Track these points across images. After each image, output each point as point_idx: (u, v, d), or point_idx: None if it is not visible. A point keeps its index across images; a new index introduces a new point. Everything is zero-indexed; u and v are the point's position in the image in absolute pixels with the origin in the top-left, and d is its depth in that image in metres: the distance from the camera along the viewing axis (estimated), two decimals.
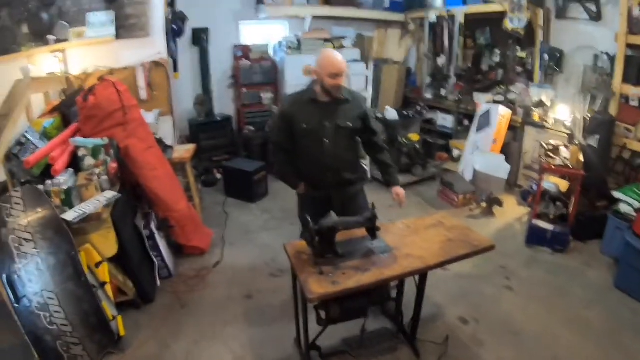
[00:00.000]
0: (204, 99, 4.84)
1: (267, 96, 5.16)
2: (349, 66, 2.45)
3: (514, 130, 4.38)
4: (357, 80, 5.06)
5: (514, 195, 4.48)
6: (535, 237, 3.54)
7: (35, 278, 2.19)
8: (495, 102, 4.37)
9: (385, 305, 2.58)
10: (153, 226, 2.95)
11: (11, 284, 2.15)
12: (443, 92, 5.19)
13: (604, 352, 2.44)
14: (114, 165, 2.73)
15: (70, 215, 2.35)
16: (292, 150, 2.47)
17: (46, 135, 2.74)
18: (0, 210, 2.23)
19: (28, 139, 2.57)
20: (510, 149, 4.38)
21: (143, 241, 2.89)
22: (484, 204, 4.13)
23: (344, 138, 2.40)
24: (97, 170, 2.59)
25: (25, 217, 2.25)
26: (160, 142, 3.51)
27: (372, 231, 2.07)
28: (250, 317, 2.73)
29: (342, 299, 1.92)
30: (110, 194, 2.59)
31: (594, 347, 2.48)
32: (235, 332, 2.58)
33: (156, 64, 3.70)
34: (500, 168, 4.06)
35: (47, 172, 2.57)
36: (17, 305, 2.16)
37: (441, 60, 5.18)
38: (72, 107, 2.90)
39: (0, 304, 2.25)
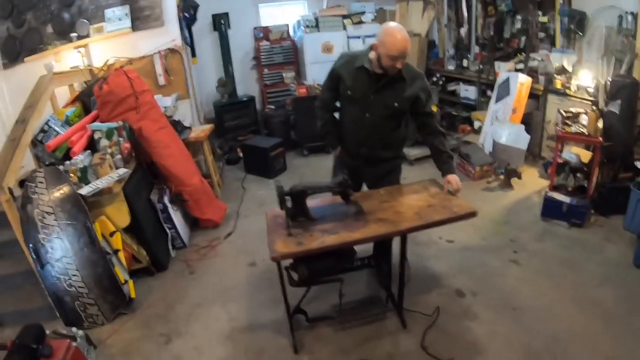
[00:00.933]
0: (226, 81, 4.97)
1: (288, 75, 5.19)
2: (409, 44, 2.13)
3: (537, 99, 4.05)
4: None
5: (536, 167, 4.19)
6: (550, 210, 3.30)
7: (56, 246, 2.45)
8: (517, 70, 4.05)
9: (380, 272, 2.58)
10: (166, 200, 3.14)
11: (37, 253, 2.43)
12: (465, 62, 4.89)
13: (611, 334, 2.21)
14: (126, 145, 2.93)
15: (85, 190, 2.58)
16: (336, 110, 2.41)
17: (68, 123, 3.00)
18: (27, 188, 2.49)
19: (50, 127, 2.85)
20: (532, 119, 4.07)
21: (157, 214, 3.10)
22: (501, 176, 3.91)
23: (388, 117, 2.23)
24: (109, 150, 2.79)
25: (48, 194, 2.50)
26: (177, 123, 3.70)
27: (345, 196, 2.07)
28: (251, 283, 2.86)
29: (309, 260, 1.96)
30: (122, 171, 2.80)
31: (601, 328, 2.25)
32: (235, 296, 2.72)
33: (172, 51, 3.87)
34: (519, 138, 3.80)
35: (68, 155, 2.84)
36: (41, 271, 2.44)
37: (463, 30, 4.87)
38: (91, 96, 3.13)
39: (28, 271, 2.55)
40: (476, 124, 4.55)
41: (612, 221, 3.23)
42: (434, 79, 4.69)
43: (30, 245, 2.43)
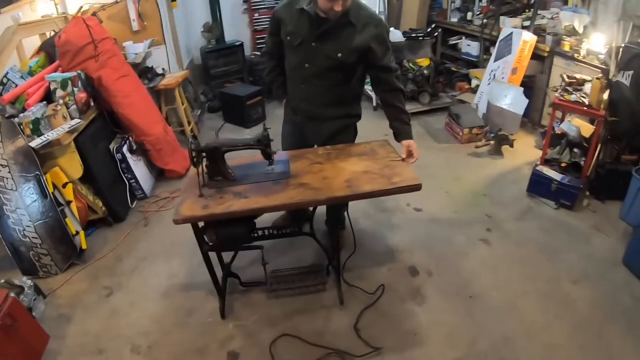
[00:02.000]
0: (212, 25, 4.61)
1: None
2: None
3: (542, 62, 3.51)
4: None
5: (533, 136, 3.76)
6: (538, 185, 2.96)
7: (10, 198, 2.39)
8: (523, 27, 3.48)
9: (330, 239, 2.37)
10: (125, 150, 3.02)
11: None
12: (470, 15, 4.27)
13: (576, 344, 1.90)
14: (82, 95, 2.77)
15: (35, 142, 2.48)
16: (283, 57, 2.07)
17: (31, 74, 2.84)
18: None
19: (9, 79, 2.70)
20: (535, 83, 3.56)
21: (117, 164, 3.00)
22: (492, 142, 3.52)
23: (330, 69, 1.89)
24: (61, 101, 2.65)
25: (2, 147, 2.41)
26: (149, 70, 3.49)
27: (266, 154, 1.85)
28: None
29: (218, 225, 1.80)
30: (75, 122, 2.67)
31: (565, 335, 1.94)
32: (180, 252, 2.63)
33: None
34: (516, 102, 3.34)
35: None
36: None
37: None
38: (54, 46, 2.93)
39: None
40: (474, 82, 4.08)
41: (607, 207, 2.85)
42: (428, 29, 4.13)
43: None
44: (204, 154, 1.81)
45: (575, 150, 2.96)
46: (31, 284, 2.26)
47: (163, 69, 3.78)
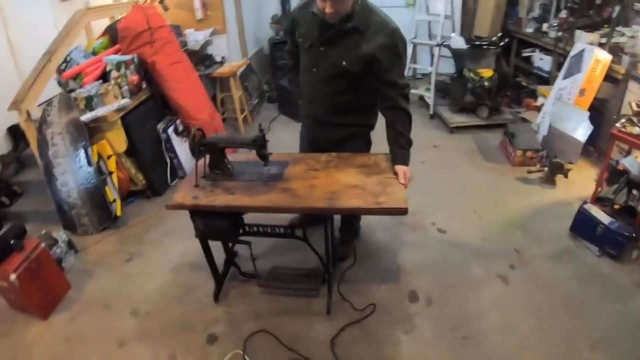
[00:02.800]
0: (281, 18, 4.68)
1: None
2: None
3: (617, 85, 2.99)
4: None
5: (596, 169, 3.23)
6: (582, 226, 2.57)
7: (61, 162, 2.73)
8: (601, 45, 2.97)
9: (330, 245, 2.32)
10: (171, 131, 3.24)
11: (46, 167, 2.74)
12: (545, 26, 3.76)
13: None
14: (134, 77, 3.01)
15: (85, 117, 2.79)
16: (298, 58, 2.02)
17: (94, 54, 3.18)
18: (44, 111, 2.77)
19: (72, 58, 3.04)
20: (607, 108, 3.06)
21: (161, 143, 3.22)
22: (545, 169, 3.12)
23: (336, 77, 1.82)
24: (113, 82, 2.91)
25: (59, 117, 2.75)
26: (207, 57, 3.67)
27: (261, 155, 1.86)
28: None
29: (205, 215, 1.86)
30: (124, 102, 2.92)
31: None
32: None
33: None
34: (580, 127, 2.90)
35: None
36: (49, 182, 2.77)
37: None
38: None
39: (41, 181, 2.87)
40: (540, 100, 3.62)
41: None
42: (494, 38, 3.72)
43: (43, 160, 2.75)
44: (201, 148, 1.86)
45: (635, 192, 2.51)
46: (65, 239, 2.56)
47: (223, 57, 3.95)
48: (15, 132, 3.31)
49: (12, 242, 2.18)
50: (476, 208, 2.93)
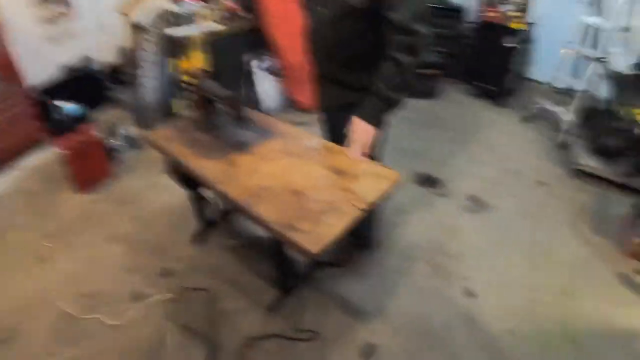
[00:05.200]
0: None
1: None
2: None
3: None
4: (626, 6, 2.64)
5: None
6: None
7: (146, 67, 2.92)
8: None
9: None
10: (254, 64, 3.11)
11: (135, 67, 2.95)
12: None
13: None
14: (230, 5, 2.92)
15: (173, 32, 2.86)
16: None
17: None
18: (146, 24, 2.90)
19: None
20: None
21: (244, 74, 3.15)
22: None
23: (342, 16, 1.40)
24: (209, 5, 2.86)
25: (155, 28, 2.84)
26: None
27: (235, 115, 1.61)
28: None
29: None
30: (212, 26, 2.89)
31: None
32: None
33: None
34: None
35: None
36: (134, 82, 2.99)
37: None
38: None
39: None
40: None
41: None
42: None
43: (135, 60, 2.97)
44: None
45: None
46: (125, 134, 2.80)
47: None
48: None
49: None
50: (534, 287, 2.01)
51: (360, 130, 1.43)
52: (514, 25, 3.34)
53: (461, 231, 2.30)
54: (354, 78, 1.50)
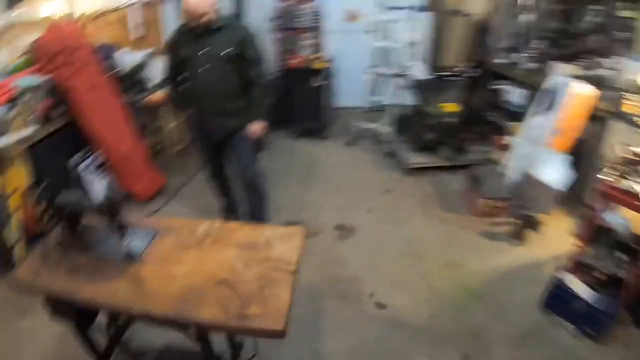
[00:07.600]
0: None
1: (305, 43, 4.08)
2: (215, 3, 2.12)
3: (601, 123, 2.41)
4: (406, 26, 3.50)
5: (571, 217, 2.66)
6: (557, 300, 2.02)
7: None
8: (578, 77, 2.40)
9: None
10: (84, 165, 2.62)
11: None
12: (517, 57, 3.21)
13: None
14: (42, 104, 2.45)
15: None
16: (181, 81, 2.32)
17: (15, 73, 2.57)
18: None
19: None
20: (584, 149, 2.48)
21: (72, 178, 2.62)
22: (516, 221, 2.53)
23: (223, 64, 2.14)
24: (21, 107, 2.34)
25: None
26: (137, 83, 3.09)
27: (117, 223, 1.34)
28: None
29: None
30: (28, 131, 2.34)
31: None
32: None
33: (147, 4, 3.15)
34: (555, 173, 2.32)
35: None
36: None
37: (525, 17, 3.20)
38: None
39: None
40: (508, 139, 3.01)
41: None
42: (460, 68, 3.14)
43: None
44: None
45: (619, 255, 1.91)
46: None
47: (157, 82, 3.31)
48: None
49: None
50: (426, 273, 2.32)
51: (258, 125, 2.30)
52: (317, 66, 3.81)
53: (345, 258, 2.43)
54: (236, 105, 2.25)
